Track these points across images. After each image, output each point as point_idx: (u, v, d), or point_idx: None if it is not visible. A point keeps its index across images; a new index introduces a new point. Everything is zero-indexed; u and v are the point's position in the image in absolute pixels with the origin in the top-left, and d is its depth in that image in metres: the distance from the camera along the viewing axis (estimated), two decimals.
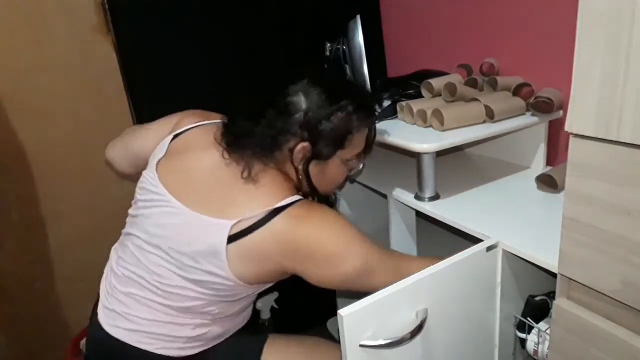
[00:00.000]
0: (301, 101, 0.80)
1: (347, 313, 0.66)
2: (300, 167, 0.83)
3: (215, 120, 0.91)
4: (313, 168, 0.84)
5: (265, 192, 0.78)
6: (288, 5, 1.40)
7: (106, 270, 0.90)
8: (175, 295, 0.80)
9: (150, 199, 0.83)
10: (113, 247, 0.92)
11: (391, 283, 0.72)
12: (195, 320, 0.82)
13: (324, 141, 0.81)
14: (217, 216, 0.76)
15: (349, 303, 0.68)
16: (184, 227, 0.78)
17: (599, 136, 0.54)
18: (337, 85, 0.87)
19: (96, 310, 0.87)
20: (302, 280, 1.00)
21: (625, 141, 0.52)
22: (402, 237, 1.14)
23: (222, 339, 0.89)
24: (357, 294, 0.73)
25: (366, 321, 0.69)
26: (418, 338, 0.73)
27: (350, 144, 0.84)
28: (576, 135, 0.57)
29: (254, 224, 0.75)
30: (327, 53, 1.28)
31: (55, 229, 1.32)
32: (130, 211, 0.90)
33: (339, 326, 0.68)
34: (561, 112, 1.04)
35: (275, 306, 1.49)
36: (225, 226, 0.75)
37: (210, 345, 0.86)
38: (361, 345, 0.69)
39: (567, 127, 0.57)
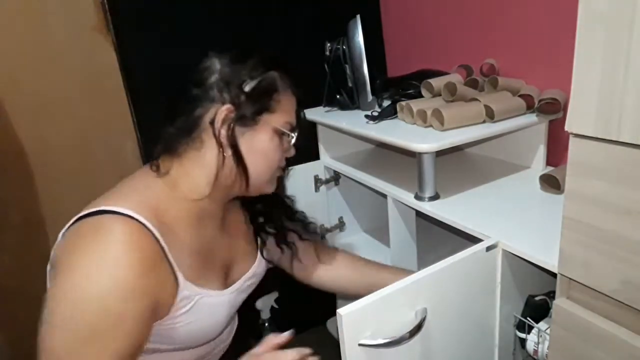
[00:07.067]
0: (214, 62, 0.72)
1: (346, 312, 0.66)
2: (223, 134, 0.70)
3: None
4: (240, 138, 0.71)
5: (108, 195, 0.69)
6: (288, 5, 1.40)
7: None
8: None
9: None
10: None
11: None
12: None
13: (247, 100, 0.70)
14: None
15: (349, 302, 0.68)
16: None
17: (599, 136, 0.54)
18: (249, 46, 0.78)
19: None
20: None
21: (625, 141, 0.52)
22: (402, 237, 1.14)
23: None
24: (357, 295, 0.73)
25: (365, 320, 0.69)
26: (417, 338, 0.73)
27: (279, 106, 0.74)
28: (576, 135, 0.57)
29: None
30: (327, 53, 1.28)
31: (55, 229, 1.30)
32: None
33: (338, 326, 0.68)
34: (561, 112, 1.04)
35: (276, 306, 1.49)
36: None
37: None
38: (360, 345, 0.69)
39: (567, 127, 0.57)
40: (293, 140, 0.78)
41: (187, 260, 0.71)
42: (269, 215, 0.92)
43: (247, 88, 0.71)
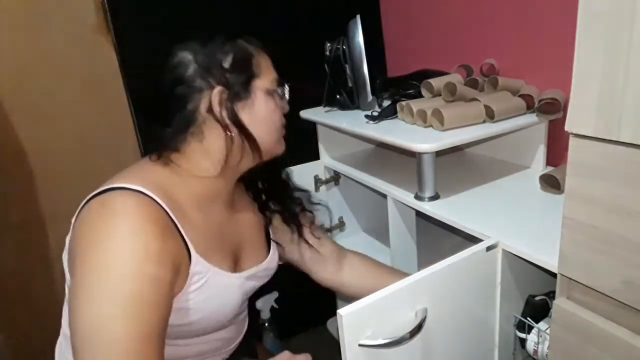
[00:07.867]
0: (185, 55, 0.71)
1: (347, 312, 0.66)
2: (224, 115, 0.71)
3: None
4: (241, 113, 0.73)
5: (113, 178, 0.68)
6: (288, 5, 1.40)
7: None
8: None
9: None
10: None
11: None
12: None
13: (232, 74, 0.71)
14: None
15: (349, 303, 0.68)
16: None
17: (599, 136, 0.54)
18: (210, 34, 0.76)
19: None
20: (302, 280, 1.01)
21: (626, 141, 0.52)
22: (402, 237, 1.14)
23: None
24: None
25: (365, 321, 0.69)
26: (417, 338, 0.73)
27: (260, 69, 0.75)
28: (576, 135, 0.57)
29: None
30: (327, 53, 1.28)
31: (54, 229, 1.32)
32: None
33: (338, 326, 0.68)
34: (561, 111, 1.04)
35: (275, 306, 1.50)
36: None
37: None
38: (360, 345, 0.69)
39: (567, 127, 0.57)
40: (286, 93, 0.79)
41: (197, 236, 0.71)
42: (271, 191, 0.93)
43: (227, 65, 0.72)
